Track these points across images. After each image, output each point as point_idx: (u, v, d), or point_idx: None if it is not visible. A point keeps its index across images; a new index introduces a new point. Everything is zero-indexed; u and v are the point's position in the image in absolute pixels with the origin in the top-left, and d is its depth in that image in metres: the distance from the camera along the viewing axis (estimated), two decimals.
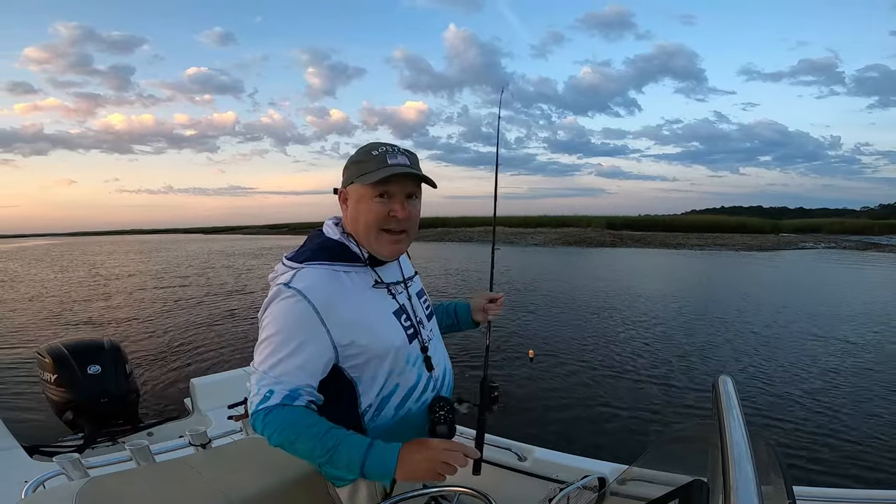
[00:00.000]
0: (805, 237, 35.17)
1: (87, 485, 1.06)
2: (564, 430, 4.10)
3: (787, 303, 9.97)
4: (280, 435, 0.90)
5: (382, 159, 0.99)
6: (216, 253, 29.03)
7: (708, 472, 0.83)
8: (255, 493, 1.07)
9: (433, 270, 16.24)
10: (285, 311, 0.94)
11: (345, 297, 0.98)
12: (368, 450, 0.88)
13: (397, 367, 1.02)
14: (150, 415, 3.59)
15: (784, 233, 40.30)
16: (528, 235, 35.31)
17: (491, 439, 1.99)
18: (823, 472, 3.37)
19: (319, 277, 0.97)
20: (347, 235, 1.05)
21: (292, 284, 0.95)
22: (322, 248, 1.02)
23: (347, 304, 0.97)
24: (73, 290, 13.43)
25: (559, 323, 8.15)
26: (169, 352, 6.63)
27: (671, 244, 28.96)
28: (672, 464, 1.11)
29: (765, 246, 27.68)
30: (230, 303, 10.53)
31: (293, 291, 0.94)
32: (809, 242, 30.29)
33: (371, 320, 1.00)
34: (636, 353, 6.29)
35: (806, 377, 5.32)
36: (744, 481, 0.64)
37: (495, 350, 6.44)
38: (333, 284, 0.98)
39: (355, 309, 0.98)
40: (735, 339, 6.98)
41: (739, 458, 0.70)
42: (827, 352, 6.30)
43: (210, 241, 54.37)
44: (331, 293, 0.96)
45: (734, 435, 0.76)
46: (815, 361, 5.88)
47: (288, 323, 0.93)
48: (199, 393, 2.92)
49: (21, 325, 8.74)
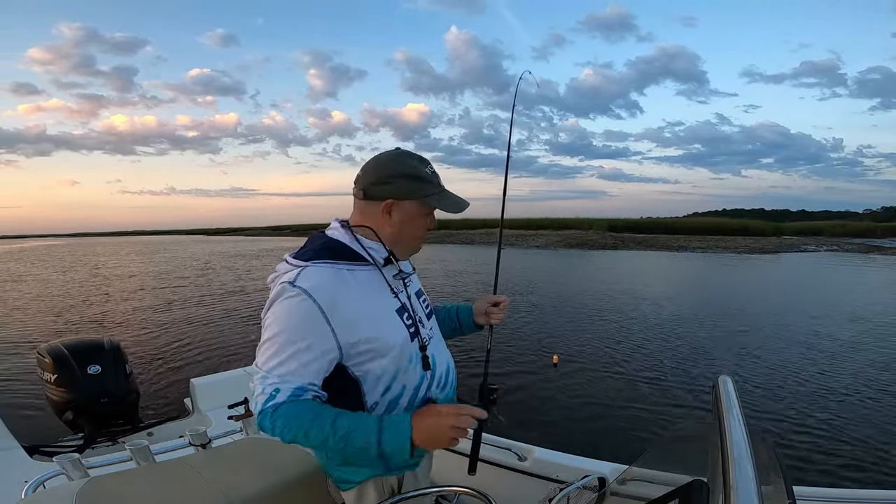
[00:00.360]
0: (807, 240, 35.22)
1: (87, 485, 1.06)
2: (564, 430, 4.10)
3: (787, 304, 9.98)
4: (291, 429, 0.90)
5: (437, 182, 1.05)
6: (218, 254, 29.09)
7: (708, 472, 0.83)
8: (255, 493, 1.07)
9: (434, 272, 16.24)
10: (289, 311, 0.93)
11: (349, 296, 0.97)
12: (381, 426, 0.89)
13: (401, 365, 1.02)
14: (150, 415, 3.59)
15: (786, 235, 40.24)
16: (530, 238, 35.29)
17: (491, 439, 1.99)
18: (823, 473, 3.37)
19: (325, 276, 0.96)
20: (354, 237, 1.04)
21: (297, 283, 0.94)
22: (326, 247, 1.01)
23: (352, 303, 0.97)
24: (74, 290, 13.44)
25: (558, 325, 8.15)
26: (169, 352, 6.63)
27: (673, 246, 28.96)
28: (672, 464, 1.11)
29: (766, 248, 27.68)
30: (230, 303, 10.53)
31: (298, 290, 0.93)
32: (811, 245, 30.26)
33: (375, 319, 1.00)
34: (636, 354, 6.29)
35: (805, 377, 5.32)
36: (744, 481, 0.64)
37: (498, 352, 6.45)
38: (338, 283, 0.97)
39: (360, 307, 0.98)
40: (735, 340, 6.98)
41: (739, 458, 0.70)
42: (826, 352, 6.30)
43: (213, 242, 54.62)
44: (336, 292, 0.95)
45: (734, 435, 0.76)
46: (814, 362, 5.89)
47: (292, 322, 0.93)
48: (199, 393, 2.92)
49: (22, 325, 8.74)
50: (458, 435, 0.90)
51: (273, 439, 1.38)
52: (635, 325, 7.92)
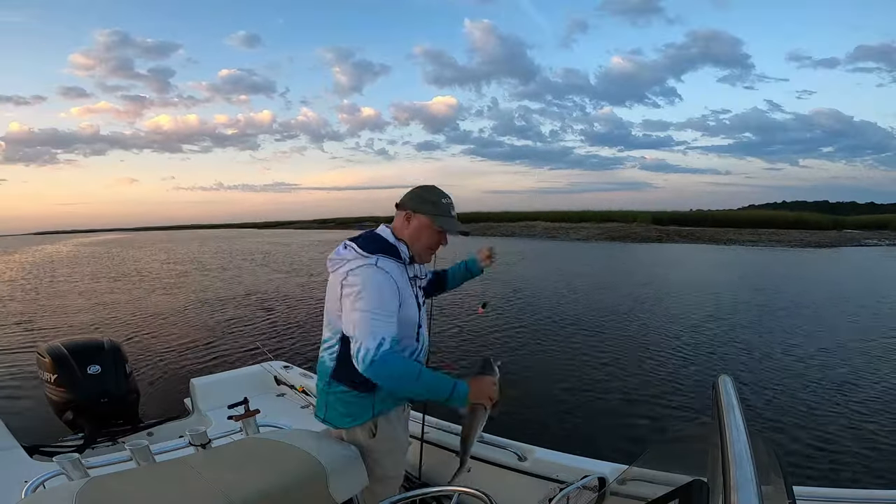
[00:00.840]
0: (870, 234, 32.59)
1: (87, 485, 1.06)
2: (564, 430, 4.10)
3: (820, 299, 9.79)
4: (394, 380, 1.30)
5: (448, 209, 1.49)
6: (276, 245, 29.26)
7: (708, 472, 0.83)
8: (255, 493, 1.07)
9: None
10: (381, 283, 1.34)
11: (403, 285, 1.42)
12: (454, 387, 1.31)
13: (407, 333, 1.45)
14: (150, 415, 3.58)
15: (848, 229, 36.88)
16: (570, 230, 34.66)
17: (491, 439, 1.99)
18: (823, 473, 3.37)
19: (395, 267, 1.41)
20: (398, 240, 1.47)
21: (381, 266, 1.36)
22: (388, 246, 1.44)
23: (404, 290, 1.42)
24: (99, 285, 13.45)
25: (566, 320, 8.13)
26: (169, 352, 6.63)
27: (721, 240, 27.90)
28: (672, 464, 1.11)
29: (823, 242, 26.43)
30: (230, 303, 10.53)
31: (384, 272, 1.36)
32: (873, 239, 28.51)
33: (408, 297, 1.44)
34: (643, 353, 6.28)
35: (805, 378, 5.32)
36: (744, 481, 0.64)
37: (501, 353, 6.46)
38: (400, 275, 1.42)
39: (402, 289, 1.41)
40: (734, 340, 6.97)
41: (739, 458, 0.70)
42: (843, 351, 6.29)
43: (264, 235, 55.57)
44: (398, 277, 1.40)
45: (734, 435, 0.76)
46: (826, 365, 5.88)
47: (384, 293, 1.33)
48: (199, 393, 2.93)
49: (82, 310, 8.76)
50: (493, 397, 1.38)
51: (273, 439, 1.38)
52: (645, 323, 7.90)
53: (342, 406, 1.44)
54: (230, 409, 1.88)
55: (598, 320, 8.29)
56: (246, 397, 1.91)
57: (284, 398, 3.01)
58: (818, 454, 3.63)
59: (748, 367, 5.74)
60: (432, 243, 1.50)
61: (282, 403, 2.93)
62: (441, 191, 1.51)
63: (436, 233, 1.49)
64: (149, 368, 5.82)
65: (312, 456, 1.25)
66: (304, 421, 2.50)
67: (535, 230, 38.13)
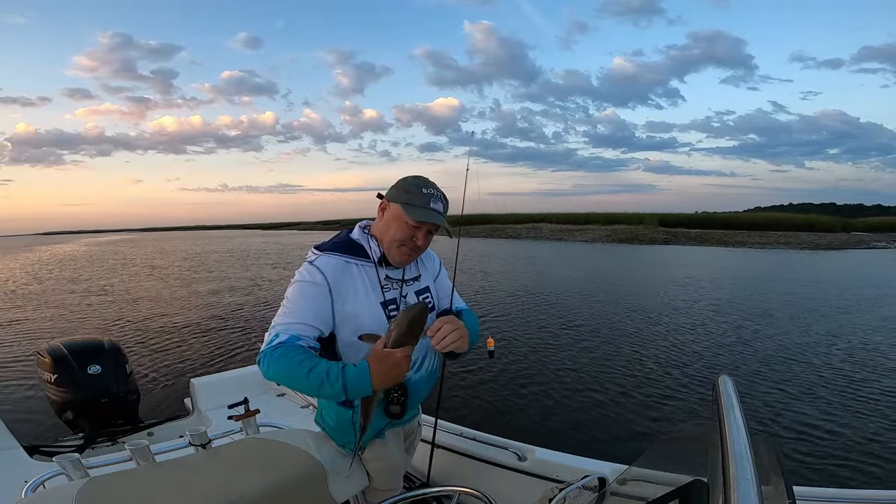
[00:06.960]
0: (878, 236, 32.52)
1: (87, 485, 1.06)
2: (564, 430, 4.10)
3: (822, 302, 9.78)
4: (279, 368, 1.11)
5: (427, 201, 1.26)
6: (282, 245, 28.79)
7: (708, 472, 0.83)
8: (255, 493, 1.07)
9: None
10: (302, 280, 1.23)
11: (349, 281, 1.27)
12: (344, 374, 1.09)
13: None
14: (151, 415, 3.58)
15: (857, 231, 36.95)
16: (577, 232, 34.52)
17: (491, 439, 1.99)
18: (823, 473, 3.37)
19: (335, 264, 1.27)
20: (370, 237, 1.32)
21: (315, 263, 1.26)
22: (341, 243, 1.32)
23: (349, 287, 1.26)
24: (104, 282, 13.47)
25: (564, 322, 8.14)
26: (169, 352, 6.63)
27: (730, 242, 27.83)
28: (672, 464, 1.10)
29: (832, 245, 26.41)
30: (230, 303, 10.53)
31: (314, 268, 1.24)
32: (882, 242, 28.48)
33: (361, 304, 1.27)
34: (643, 353, 6.28)
35: (806, 377, 5.32)
36: (744, 481, 0.64)
37: (502, 352, 6.43)
38: (342, 270, 1.27)
39: (354, 292, 1.26)
40: (735, 340, 6.97)
41: (739, 458, 0.69)
42: (839, 352, 6.29)
43: (269, 236, 55.83)
44: (338, 275, 1.25)
45: (734, 435, 0.76)
46: (825, 364, 5.88)
47: (305, 289, 1.22)
48: (199, 393, 2.93)
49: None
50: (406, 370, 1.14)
51: (273, 439, 1.38)
52: (646, 323, 7.90)
53: (331, 419, 1.37)
54: (230, 409, 1.88)
55: (599, 320, 8.30)
56: (246, 397, 1.91)
57: (284, 398, 3.01)
58: (818, 454, 3.64)
59: (748, 366, 5.75)
60: (403, 238, 1.27)
61: (282, 403, 2.93)
62: (427, 180, 1.30)
63: (407, 226, 1.26)
64: (149, 368, 5.82)
65: (312, 456, 1.24)
66: (304, 421, 2.50)
67: (542, 232, 38.10)
